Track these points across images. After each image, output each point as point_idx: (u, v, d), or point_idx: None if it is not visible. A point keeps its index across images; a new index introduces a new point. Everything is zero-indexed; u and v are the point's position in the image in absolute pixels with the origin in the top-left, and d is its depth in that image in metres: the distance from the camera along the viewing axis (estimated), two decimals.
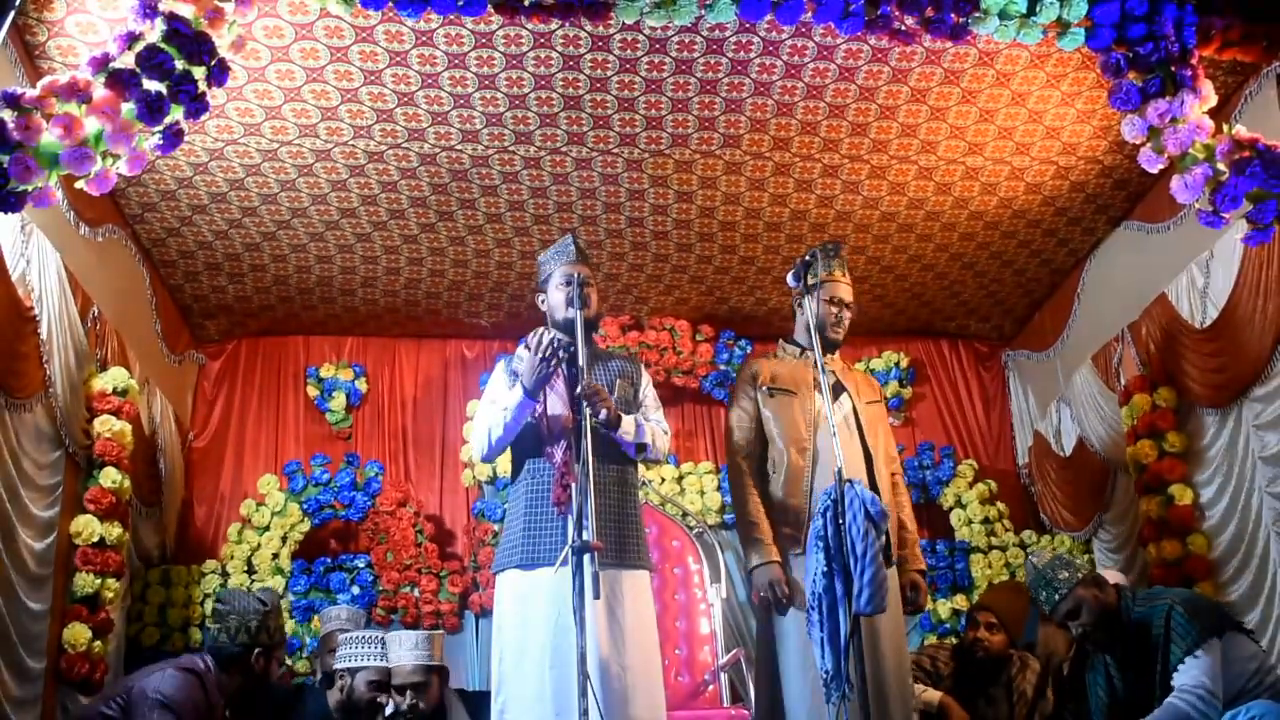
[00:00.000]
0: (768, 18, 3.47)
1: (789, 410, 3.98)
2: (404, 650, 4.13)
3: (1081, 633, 3.75)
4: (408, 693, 4.07)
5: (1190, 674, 3.43)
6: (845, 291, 4.03)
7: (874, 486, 3.78)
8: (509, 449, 3.73)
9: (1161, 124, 3.53)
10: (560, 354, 3.52)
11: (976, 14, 3.51)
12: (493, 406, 3.80)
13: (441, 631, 4.57)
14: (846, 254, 4.27)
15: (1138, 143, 3.62)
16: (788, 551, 3.91)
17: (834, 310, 4.00)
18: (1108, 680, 3.77)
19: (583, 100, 4.36)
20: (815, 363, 3.83)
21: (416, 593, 5.57)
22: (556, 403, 3.66)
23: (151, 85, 3.16)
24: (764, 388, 4.04)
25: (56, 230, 4.18)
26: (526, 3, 3.41)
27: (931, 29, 3.54)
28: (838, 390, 3.93)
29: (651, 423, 3.82)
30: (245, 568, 5.52)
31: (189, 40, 3.18)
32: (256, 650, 3.66)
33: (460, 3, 3.34)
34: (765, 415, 4.01)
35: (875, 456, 3.90)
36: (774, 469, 3.94)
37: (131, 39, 3.18)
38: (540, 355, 3.50)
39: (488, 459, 3.86)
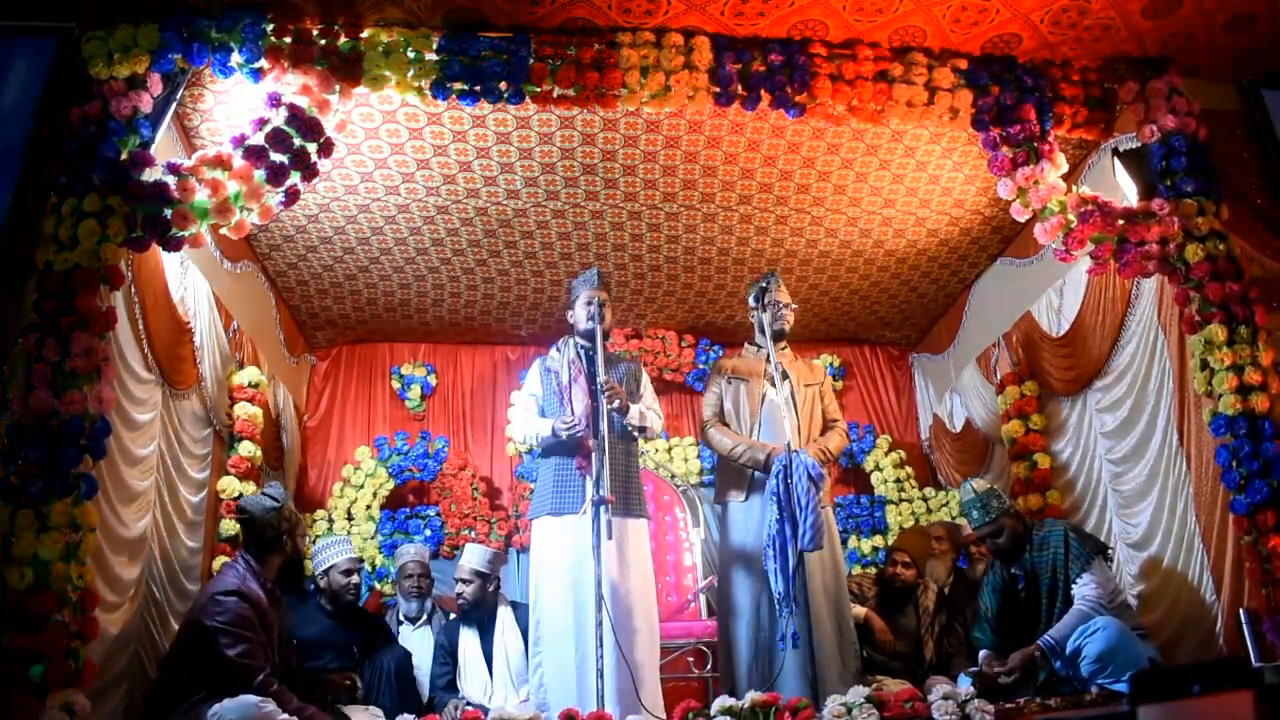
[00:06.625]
0: (734, 105, 3.48)
1: (741, 393, 4.01)
2: (467, 556, 4.27)
3: (995, 548, 3.74)
4: (459, 584, 4.20)
5: (1089, 588, 3.44)
6: (785, 297, 4.12)
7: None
8: None
9: (1027, 185, 3.54)
10: (576, 436, 3.58)
11: (890, 102, 3.52)
12: (528, 415, 3.83)
13: (496, 551, 4.53)
14: (780, 276, 4.36)
15: (1009, 199, 3.62)
16: (730, 491, 3.94)
17: (781, 309, 4.08)
18: (1000, 591, 3.75)
19: (597, 167, 4.35)
20: (768, 357, 3.88)
21: (473, 534, 5.56)
22: (580, 394, 3.67)
23: (276, 157, 3.18)
24: (725, 378, 4.08)
25: (206, 265, 4.19)
26: (555, 94, 3.42)
27: (856, 114, 3.55)
28: (783, 376, 3.94)
29: (650, 411, 3.83)
30: (346, 515, 5.52)
31: (304, 123, 3.20)
32: (283, 536, 3.36)
33: (505, 95, 3.35)
34: (725, 397, 4.04)
35: (802, 426, 3.93)
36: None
37: (262, 123, 3.21)
38: (566, 436, 3.59)
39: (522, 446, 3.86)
